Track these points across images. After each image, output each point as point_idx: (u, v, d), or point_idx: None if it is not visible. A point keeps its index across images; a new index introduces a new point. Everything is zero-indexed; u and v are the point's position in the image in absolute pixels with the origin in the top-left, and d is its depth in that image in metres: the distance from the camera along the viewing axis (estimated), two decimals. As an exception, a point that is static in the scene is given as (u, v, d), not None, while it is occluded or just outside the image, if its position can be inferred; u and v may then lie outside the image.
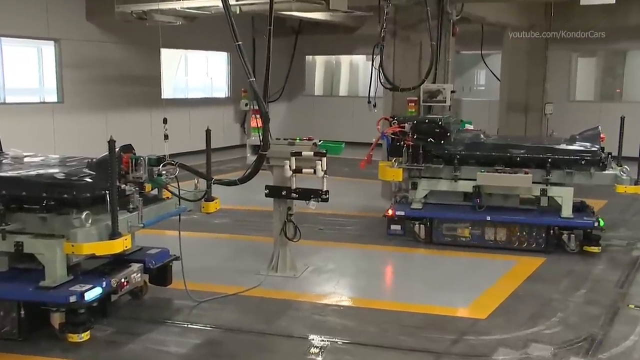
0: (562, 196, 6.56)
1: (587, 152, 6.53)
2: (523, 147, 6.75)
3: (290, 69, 15.49)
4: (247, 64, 4.68)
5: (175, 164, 4.74)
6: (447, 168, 6.81)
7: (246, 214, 8.53)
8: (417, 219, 6.89)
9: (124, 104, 12.79)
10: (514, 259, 6.43)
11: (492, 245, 6.69)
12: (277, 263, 5.81)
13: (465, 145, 6.84)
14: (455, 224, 6.78)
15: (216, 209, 5.19)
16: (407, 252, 6.70)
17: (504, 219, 6.66)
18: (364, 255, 6.73)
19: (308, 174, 5.38)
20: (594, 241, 6.54)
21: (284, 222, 5.70)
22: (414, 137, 6.76)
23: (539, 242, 6.61)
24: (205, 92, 16.02)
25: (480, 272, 6.11)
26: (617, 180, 6.44)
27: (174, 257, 5.12)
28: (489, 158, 6.75)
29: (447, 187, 6.86)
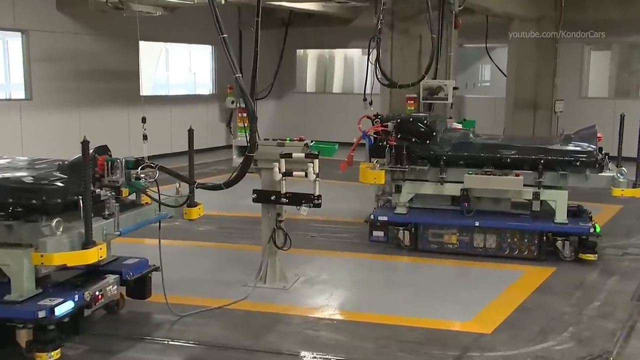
0: (556, 200, 6.58)
1: (582, 153, 6.56)
2: (514, 148, 6.78)
3: (280, 64, 15.51)
4: (232, 59, 4.67)
5: (155, 167, 4.72)
6: (433, 170, 6.84)
7: (232, 221, 8.51)
8: (401, 224, 6.92)
9: (98, 102, 12.75)
10: (521, 268, 6.44)
11: (482, 253, 6.73)
12: (266, 273, 5.80)
13: (453, 145, 6.86)
14: (441, 230, 6.82)
15: (199, 215, 5.17)
16: (406, 261, 6.72)
17: (493, 225, 6.69)
18: (359, 264, 6.74)
19: (299, 178, 5.37)
20: (589, 248, 6.56)
21: (273, 230, 5.70)
22: (397, 136, 6.78)
23: (532, 250, 6.64)
24: (188, 89, 16.01)
25: (484, 282, 6.12)
26: (613, 183, 6.45)
27: (153, 268, 5.10)
28: (478, 159, 6.78)
29: (433, 190, 6.89)
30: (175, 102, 14.92)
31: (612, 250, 7.09)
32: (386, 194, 7.42)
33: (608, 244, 7.19)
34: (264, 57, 5.57)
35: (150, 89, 14.99)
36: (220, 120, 16.31)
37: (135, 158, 4.74)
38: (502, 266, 6.53)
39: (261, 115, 8.91)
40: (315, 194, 5.38)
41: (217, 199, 8.44)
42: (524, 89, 13.29)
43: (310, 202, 5.39)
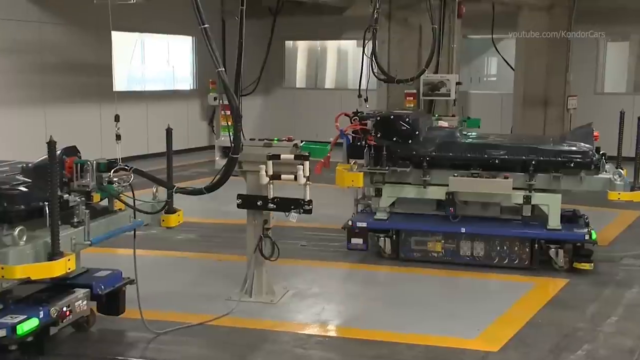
0: (548, 204, 6.61)
1: (577, 153, 6.59)
2: (503, 148, 6.82)
3: (267, 56, 15.51)
4: (214, 51, 4.67)
5: (129, 170, 4.71)
6: (415, 172, 6.87)
7: (215, 229, 8.50)
8: (381, 231, 6.95)
9: (66, 98, 12.71)
10: (529, 280, 6.46)
11: (469, 262, 6.76)
12: (252, 286, 5.79)
13: (437, 145, 6.89)
14: (425, 237, 6.85)
15: (179, 222, 5.16)
16: (402, 272, 6.72)
17: (481, 231, 6.72)
18: (353, 276, 6.74)
19: (288, 181, 5.37)
20: (584, 257, 6.59)
21: (260, 238, 5.69)
22: (377, 135, 6.80)
23: (523, 258, 6.68)
24: (166, 84, 15.99)
25: (488, 295, 6.14)
26: (610, 186, 6.47)
27: (127, 281, 5.08)
28: (464, 160, 6.81)
29: (415, 194, 6.92)
30: (152, 99, 14.89)
31: (630, 261, 7.11)
32: (367, 198, 7.44)
33: (627, 254, 7.22)
34: (250, 50, 5.57)
35: (124, 84, 14.95)
36: (201, 118, 16.30)
37: (107, 160, 4.73)
38: (508, 277, 6.55)
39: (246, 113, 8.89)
40: (305, 199, 5.38)
41: (198, 204, 8.43)
42: (534, 84, 13.34)
43: (300, 207, 5.39)
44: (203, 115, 16.31)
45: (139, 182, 4.82)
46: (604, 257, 7.04)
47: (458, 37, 11.23)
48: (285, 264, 6.38)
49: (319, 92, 17.67)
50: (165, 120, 5.55)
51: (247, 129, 5.57)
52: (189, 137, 15.50)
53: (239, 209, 5.68)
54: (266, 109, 17.60)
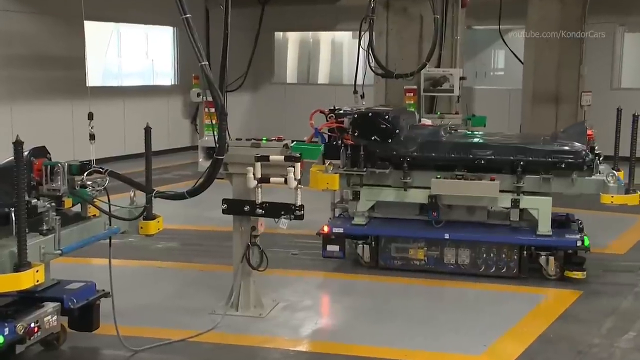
0: (538, 208, 6.65)
1: (568, 153, 6.63)
2: (489, 147, 6.86)
3: (255, 49, 15.51)
4: (197, 43, 4.66)
5: (104, 172, 4.70)
6: (396, 173, 6.89)
7: (198, 236, 8.49)
8: (359, 237, 6.97)
9: (35, 94, 12.68)
10: (541, 292, 6.48)
11: (453, 270, 6.79)
12: (238, 299, 5.79)
13: (419, 144, 6.92)
14: (406, 244, 6.89)
15: (158, 229, 5.15)
16: (399, 283, 6.73)
17: (466, 238, 6.77)
18: (348, 287, 6.75)
19: (277, 185, 5.37)
20: (576, 265, 6.62)
21: (247, 246, 5.69)
22: (354, 134, 6.82)
23: (511, 267, 6.72)
24: (145, 79, 15.98)
25: (494, 308, 6.15)
26: (603, 188, 6.50)
27: (102, 294, 5.06)
28: (448, 161, 6.84)
29: (395, 197, 6.95)
30: (130, 95, 14.88)
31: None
32: (345, 202, 7.46)
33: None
34: (236, 42, 5.57)
35: (98, 78, 14.93)
36: (183, 116, 16.29)
37: (80, 162, 4.71)
38: (517, 289, 6.56)
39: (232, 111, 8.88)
40: (296, 203, 5.38)
41: (180, 210, 8.42)
42: (545, 79, 13.38)
43: (291, 213, 5.38)
44: (185, 113, 16.29)
45: (114, 186, 4.81)
46: (621, 266, 7.06)
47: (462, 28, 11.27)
48: (274, 274, 6.38)
49: (311, 88, 17.69)
50: (144, 119, 5.53)
51: (233, 128, 5.56)
52: (170, 136, 15.48)
53: (224, 215, 5.67)
54: (254, 106, 17.59)
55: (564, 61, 13.25)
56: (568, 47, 13.18)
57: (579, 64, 13.36)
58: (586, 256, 6.67)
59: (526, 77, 13.78)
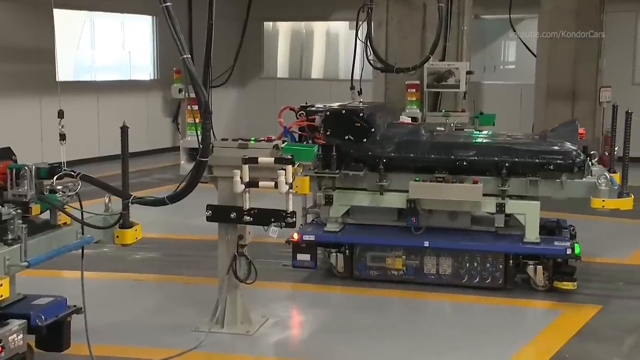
0: (525, 213, 6.69)
1: (557, 153, 6.67)
2: (472, 147, 6.90)
3: (243, 41, 15.51)
4: (179, 34, 4.67)
5: (76, 176, 4.69)
6: (371, 176, 6.91)
7: (179, 246, 8.50)
8: (332, 245, 7.00)
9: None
10: (556, 307, 6.50)
11: (434, 281, 6.83)
12: (224, 314, 5.78)
13: (397, 144, 6.95)
14: (383, 252, 6.92)
15: (136, 239, 5.14)
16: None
17: (447, 245, 6.81)
18: (344, 301, 6.75)
19: (267, 189, 5.37)
20: (566, 274, 6.66)
21: (234, 257, 5.69)
22: (326, 133, 6.84)
23: (496, 277, 6.76)
24: (122, 73, 15.97)
25: (504, 325, 6.16)
26: (594, 191, 6.52)
27: (73, 310, 5.05)
28: (428, 162, 6.88)
29: (370, 201, 6.97)
30: (104, 90, 14.87)
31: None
32: (318, 207, 7.48)
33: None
34: (222, 32, 5.57)
35: (70, 72, 14.91)
36: (164, 114, 16.28)
37: (49, 164, 4.70)
38: (528, 303, 6.58)
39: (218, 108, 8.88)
40: (288, 210, 5.38)
41: (160, 217, 8.40)
42: (560, 73, 13.43)
43: (281, 220, 5.39)
44: (166, 111, 16.28)
45: (87, 191, 4.80)
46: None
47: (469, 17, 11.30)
48: (264, 287, 6.37)
49: (304, 84, 17.70)
50: (120, 117, 5.52)
51: (218, 127, 5.57)
52: (149, 136, 15.47)
53: (208, 223, 5.67)
54: (241, 103, 17.60)
55: (581, 54, 13.29)
56: (585, 39, 13.22)
57: (597, 56, 13.39)
58: (607, 268, 6.69)
59: (539, 71, 13.83)
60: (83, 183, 4.73)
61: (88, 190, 4.81)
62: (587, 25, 13.11)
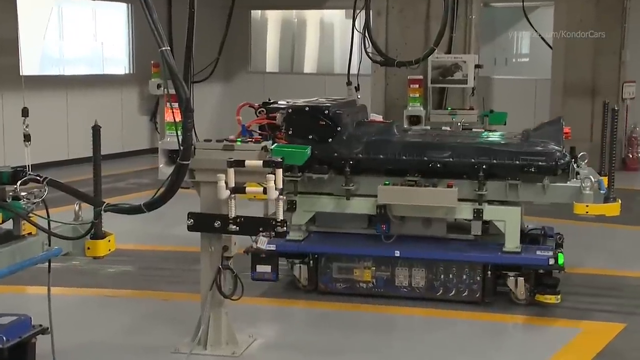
0: (504, 220, 6.72)
1: (539, 155, 6.69)
2: (447, 148, 6.92)
3: (228, 31, 15.54)
4: (156, 24, 4.66)
5: (42, 181, 4.69)
6: (337, 179, 6.93)
7: (158, 258, 8.50)
8: (295, 255, 7.02)
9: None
10: (576, 325, 6.52)
11: (406, 294, 6.86)
12: (207, 334, 5.78)
13: (365, 144, 6.96)
14: (351, 263, 6.95)
15: (109, 250, 5.13)
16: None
17: (420, 255, 6.84)
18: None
19: (255, 195, 5.37)
20: (549, 287, 6.69)
21: (218, 270, 5.68)
22: (288, 132, 6.87)
23: (473, 289, 6.80)
24: (93, 67, 15.96)
25: (520, 343, 6.19)
26: (578, 196, 6.55)
27: (39, 330, 5.04)
28: (399, 164, 6.90)
29: (334, 206, 6.97)
30: (74, 86, 14.85)
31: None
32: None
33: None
34: (205, 22, 5.58)
35: (35, 65, 14.88)
36: (140, 112, 16.27)
37: (12, 168, 4.70)
38: (543, 321, 6.59)
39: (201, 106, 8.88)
40: (278, 218, 5.38)
41: (136, 226, 8.40)
42: (578, 67, 13.47)
43: (271, 229, 5.39)
44: (143, 109, 16.27)
45: (55, 198, 4.79)
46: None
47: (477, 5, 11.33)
48: (251, 304, 6.37)
49: (296, 78, 17.72)
50: (91, 115, 5.53)
51: (200, 127, 5.56)
52: (124, 137, 15.45)
53: (190, 232, 5.67)
54: (226, 100, 17.59)
55: (602, 45, 13.33)
56: (606, 28, 13.24)
57: (619, 48, 13.43)
58: (627, 282, 6.71)
59: (556, 64, 13.87)
60: (50, 189, 4.72)
61: (56, 197, 4.80)
62: (609, 13, 13.13)
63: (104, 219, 5.03)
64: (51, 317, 4.93)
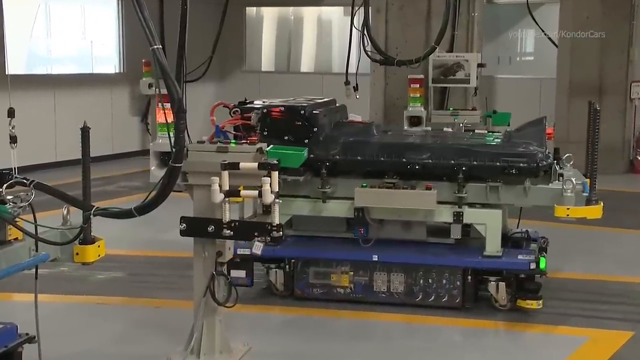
0: (485, 223, 6.75)
1: (521, 156, 6.72)
2: (426, 149, 6.95)
3: (222, 29, 15.54)
4: (148, 22, 4.67)
5: (29, 184, 4.68)
6: (314, 181, 6.96)
7: (149, 264, 8.49)
8: (270, 260, 7.04)
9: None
10: (581, 333, 6.52)
11: (385, 300, 6.89)
12: (200, 342, 5.78)
13: (342, 146, 6.99)
14: (328, 268, 6.98)
15: (99, 256, 5.13)
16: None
17: (399, 259, 6.88)
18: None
19: (249, 198, 5.37)
20: (530, 292, 6.71)
21: (212, 276, 5.68)
22: (263, 133, 6.89)
23: (453, 295, 6.83)
24: (82, 66, 15.95)
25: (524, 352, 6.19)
26: (559, 198, 6.57)
27: (25, 338, 5.04)
28: (378, 165, 6.92)
29: (310, 209, 7.01)
30: (62, 85, 14.85)
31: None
32: (257, 216, 7.50)
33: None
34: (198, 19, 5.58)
35: (22, 64, 14.88)
36: (131, 112, 16.27)
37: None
38: (549, 329, 6.59)
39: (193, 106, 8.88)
40: (273, 222, 5.38)
41: (127, 231, 8.39)
42: (584, 66, 13.48)
43: (266, 234, 5.39)
44: (134, 109, 16.27)
45: (42, 201, 4.79)
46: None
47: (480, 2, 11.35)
48: (246, 311, 6.37)
49: (292, 78, 17.73)
50: (80, 116, 5.53)
51: (193, 128, 5.57)
52: (115, 138, 15.45)
53: (182, 237, 5.67)
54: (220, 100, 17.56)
55: (609, 43, 13.34)
56: (614, 25, 13.25)
57: (627, 46, 13.44)
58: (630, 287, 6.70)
59: (561, 63, 13.88)
60: (37, 192, 4.71)
61: (43, 201, 4.79)
62: (616, 9, 13.13)
63: (93, 224, 5.02)
64: (38, 325, 4.93)
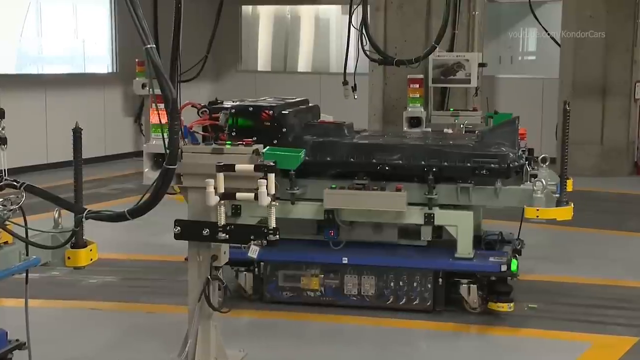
0: (456, 225, 6.79)
1: (491, 157, 6.75)
2: (396, 150, 6.99)
3: (217, 27, 15.56)
4: (141, 20, 4.67)
5: (19, 186, 4.69)
6: (282, 182, 6.94)
7: (143, 269, 8.49)
8: (239, 263, 7.04)
9: None
10: (584, 338, 6.52)
11: (355, 303, 6.92)
12: (195, 349, 5.78)
13: (312, 146, 7.02)
14: (298, 271, 7.02)
15: (91, 260, 5.13)
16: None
17: (368, 262, 6.92)
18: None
19: (246, 201, 5.37)
20: (501, 294, 6.75)
21: (207, 281, 5.68)
22: (231, 133, 6.92)
23: (425, 297, 6.88)
24: (74, 65, 15.94)
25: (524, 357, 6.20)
26: (529, 200, 6.61)
27: (15, 345, 5.04)
28: (347, 166, 6.97)
29: (279, 212, 6.97)
30: (54, 85, 14.84)
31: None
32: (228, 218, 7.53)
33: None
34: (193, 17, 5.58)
35: (12, 64, 14.87)
36: (124, 113, 16.26)
37: (-12, 172, 4.70)
38: (552, 335, 6.60)
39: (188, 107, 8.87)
40: (270, 225, 5.39)
41: (120, 235, 8.39)
42: (588, 66, 13.49)
43: (262, 238, 5.40)
44: (127, 110, 16.26)
45: (33, 204, 4.79)
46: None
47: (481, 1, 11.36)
48: (241, 317, 6.38)
49: (289, 78, 17.73)
50: (72, 117, 5.53)
51: (187, 129, 5.57)
52: (107, 139, 15.44)
53: (177, 241, 5.67)
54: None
55: (613, 42, 13.35)
56: (618, 24, 13.27)
57: (632, 45, 13.45)
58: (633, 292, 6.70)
59: (564, 62, 13.89)
60: (28, 195, 4.72)
61: (34, 203, 4.80)
62: (620, 8, 13.14)
63: (85, 227, 5.03)
64: (28, 331, 4.92)
